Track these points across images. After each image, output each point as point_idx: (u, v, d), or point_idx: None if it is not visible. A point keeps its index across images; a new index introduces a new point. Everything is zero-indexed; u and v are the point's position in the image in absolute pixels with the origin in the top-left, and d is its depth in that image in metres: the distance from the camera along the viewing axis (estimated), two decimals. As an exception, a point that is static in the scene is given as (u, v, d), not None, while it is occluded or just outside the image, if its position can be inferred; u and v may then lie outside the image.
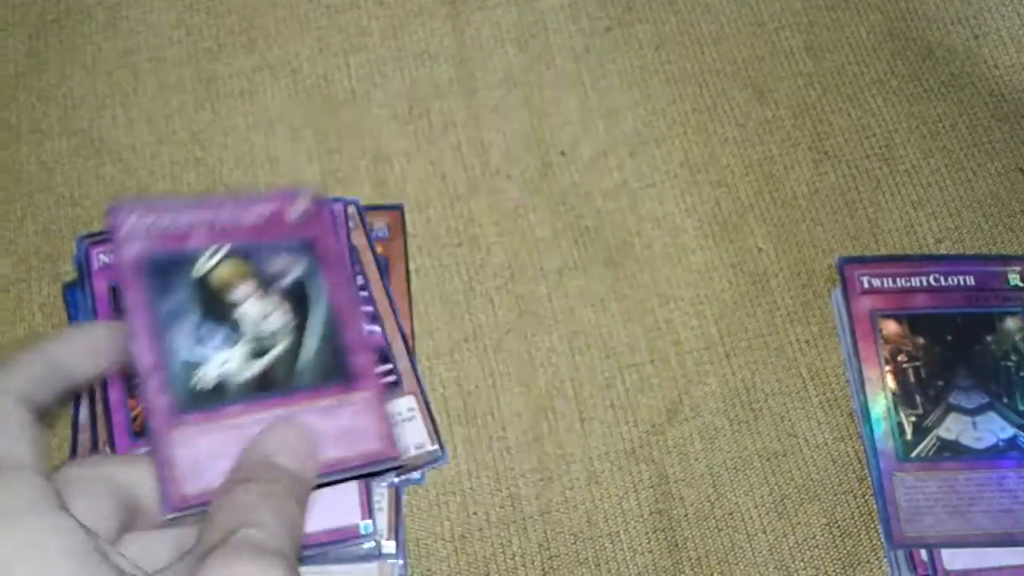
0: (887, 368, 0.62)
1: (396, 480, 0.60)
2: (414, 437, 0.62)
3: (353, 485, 0.58)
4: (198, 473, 0.54)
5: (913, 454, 0.60)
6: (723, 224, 0.68)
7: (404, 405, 0.62)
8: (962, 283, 0.64)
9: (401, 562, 0.59)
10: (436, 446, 0.62)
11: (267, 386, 0.56)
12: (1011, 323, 0.63)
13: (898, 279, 0.64)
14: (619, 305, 0.66)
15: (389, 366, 0.63)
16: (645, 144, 0.70)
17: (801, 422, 0.63)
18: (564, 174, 0.70)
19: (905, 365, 0.62)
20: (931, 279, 0.64)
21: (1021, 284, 0.64)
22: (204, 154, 0.71)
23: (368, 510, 0.58)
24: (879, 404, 0.62)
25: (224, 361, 0.56)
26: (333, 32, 0.75)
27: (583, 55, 0.74)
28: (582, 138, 0.71)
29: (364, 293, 0.64)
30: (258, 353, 0.57)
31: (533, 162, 0.70)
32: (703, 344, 0.65)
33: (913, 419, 0.61)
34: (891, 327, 0.63)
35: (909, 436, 0.61)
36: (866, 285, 0.64)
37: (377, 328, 0.63)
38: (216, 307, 0.58)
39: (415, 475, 0.61)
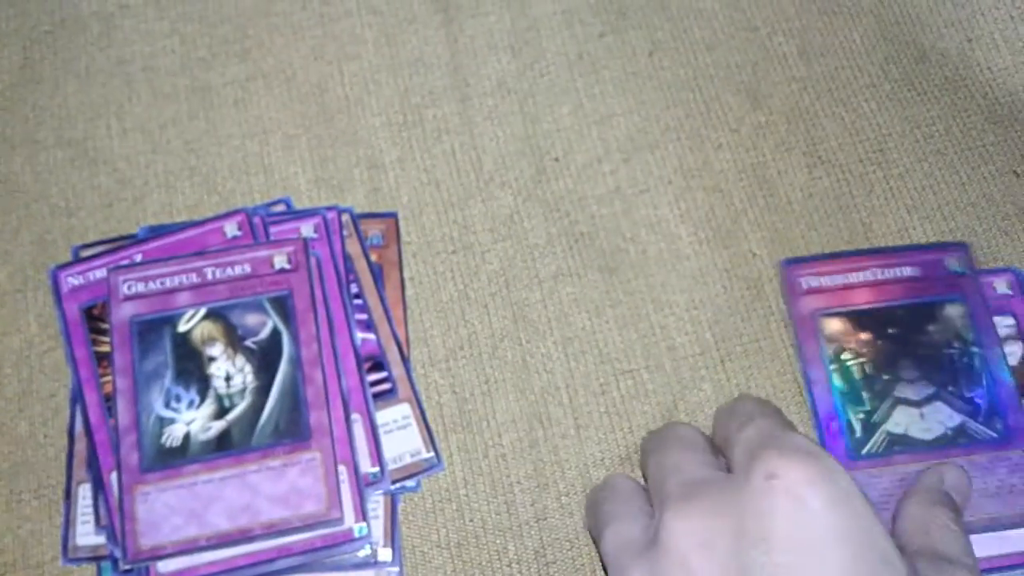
0: (832, 368, 0.62)
1: (392, 488, 0.61)
2: (409, 445, 0.62)
3: (347, 488, 0.58)
4: (154, 529, 0.58)
5: (864, 451, 0.60)
6: (717, 229, 0.68)
7: (399, 413, 0.62)
8: (902, 274, 0.64)
9: (397, 570, 0.59)
10: (431, 453, 0.62)
11: (226, 445, 0.59)
12: (952, 310, 0.63)
13: (837, 276, 0.65)
14: (613, 311, 0.66)
15: (384, 374, 0.63)
16: (639, 150, 0.70)
17: (796, 428, 0.63)
18: (558, 180, 0.70)
19: (850, 363, 0.62)
20: (871, 273, 0.65)
21: (960, 270, 0.64)
22: (198, 163, 0.71)
23: (362, 513, 0.58)
24: (825, 405, 0.62)
25: (190, 420, 0.60)
26: (327, 41, 0.75)
27: (576, 61, 0.74)
28: (576, 144, 0.71)
29: (358, 301, 0.64)
30: (220, 413, 0.60)
31: (527, 168, 0.70)
32: (698, 350, 0.65)
33: (861, 416, 0.60)
34: (834, 325, 0.63)
35: (858, 434, 0.60)
36: (806, 286, 0.65)
37: (372, 336, 0.64)
38: (190, 365, 0.61)
39: (410, 483, 0.61)
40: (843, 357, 0.62)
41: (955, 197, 0.68)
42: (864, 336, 0.62)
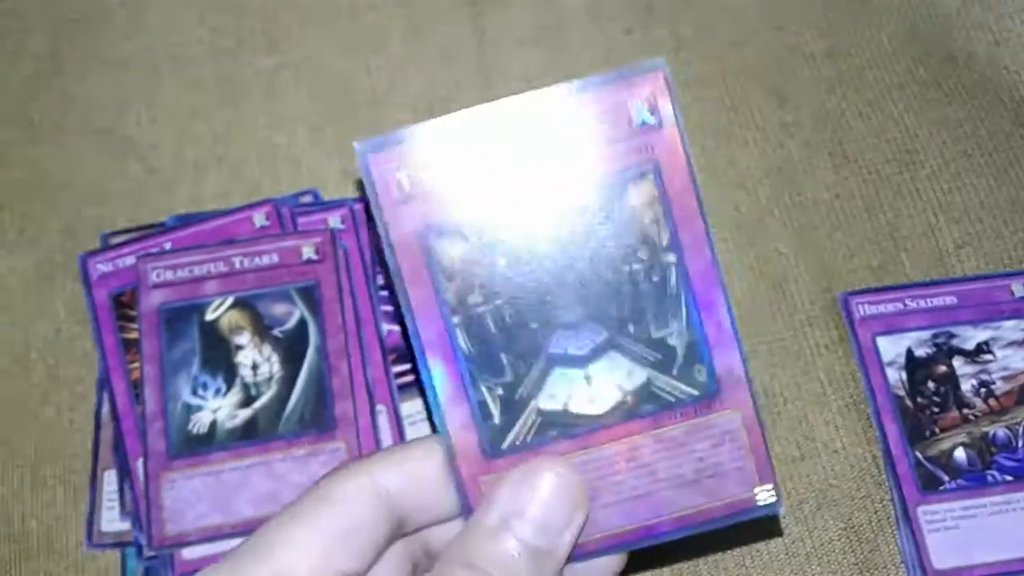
0: (455, 320, 0.40)
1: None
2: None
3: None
4: (180, 516, 0.58)
5: (506, 443, 0.40)
6: (742, 227, 0.68)
7: (423, 405, 0.63)
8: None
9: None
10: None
11: (251, 433, 0.60)
12: (637, 193, 0.40)
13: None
14: (638, 307, 0.66)
15: (408, 365, 0.63)
16: (665, 147, 0.70)
17: (819, 427, 0.63)
18: (584, 176, 0.70)
19: (481, 309, 0.40)
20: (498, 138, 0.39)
21: (649, 120, 0.41)
22: (225, 152, 0.71)
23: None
24: (449, 379, 0.40)
25: (217, 408, 0.60)
26: (354, 32, 0.76)
27: (602, 57, 0.74)
28: (602, 140, 0.71)
29: (384, 292, 0.64)
30: (246, 402, 0.60)
31: (553, 164, 0.70)
32: (722, 347, 0.65)
33: (500, 392, 0.40)
34: (455, 250, 0.39)
35: (497, 419, 0.40)
36: (410, 185, 0.39)
37: (397, 327, 0.64)
38: (217, 353, 0.61)
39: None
40: (470, 301, 0.40)
41: (982, 199, 0.68)
42: (500, 263, 0.40)
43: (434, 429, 0.41)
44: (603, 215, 0.39)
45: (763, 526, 0.61)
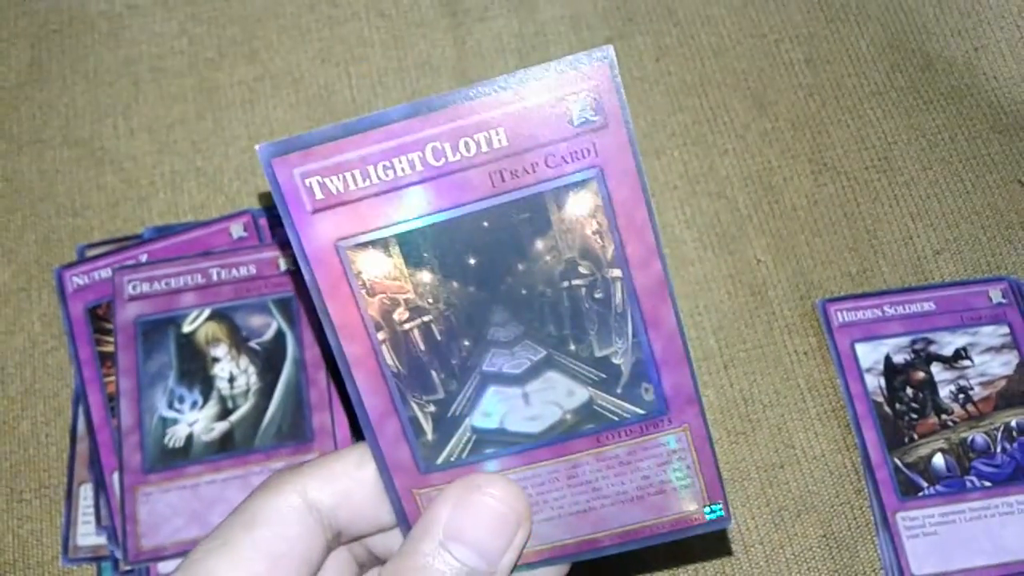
0: (381, 337, 0.38)
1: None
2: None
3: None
4: (155, 530, 0.58)
5: (441, 459, 0.39)
6: (722, 235, 0.68)
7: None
8: (495, 144, 0.36)
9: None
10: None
11: (228, 446, 0.59)
12: (577, 204, 0.36)
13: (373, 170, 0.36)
14: (617, 316, 0.66)
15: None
16: (644, 155, 0.70)
17: (799, 433, 0.63)
18: (563, 185, 0.70)
19: (408, 326, 0.38)
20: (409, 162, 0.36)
21: (590, 117, 0.35)
22: (205, 164, 0.71)
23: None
24: (376, 396, 0.39)
25: (193, 421, 0.60)
26: (334, 43, 0.75)
27: (583, 66, 0.74)
28: (581, 149, 0.71)
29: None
30: (223, 414, 0.60)
31: (532, 173, 0.70)
32: (701, 355, 0.65)
33: (432, 409, 0.39)
34: (372, 264, 0.37)
35: (430, 435, 0.39)
36: (321, 193, 0.36)
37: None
38: (194, 366, 0.61)
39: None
40: (396, 317, 0.38)
41: (959, 206, 0.68)
42: (426, 278, 0.37)
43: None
44: (540, 226, 0.36)
45: (743, 535, 0.61)
